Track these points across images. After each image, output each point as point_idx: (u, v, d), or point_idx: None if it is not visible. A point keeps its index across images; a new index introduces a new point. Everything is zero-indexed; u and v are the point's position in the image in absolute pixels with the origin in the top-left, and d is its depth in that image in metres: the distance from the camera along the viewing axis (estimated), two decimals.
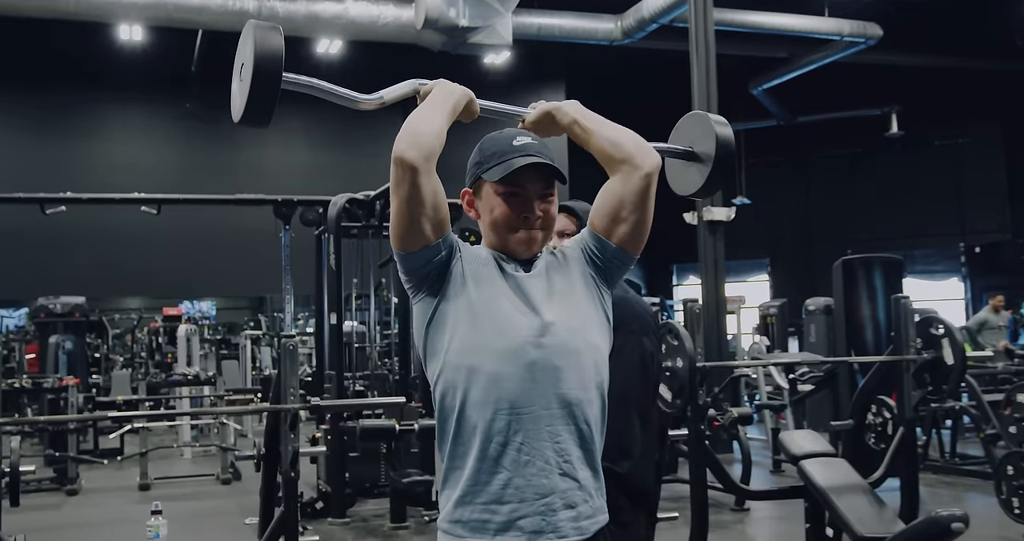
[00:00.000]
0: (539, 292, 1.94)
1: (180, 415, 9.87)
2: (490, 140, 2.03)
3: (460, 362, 1.87)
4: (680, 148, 2.39)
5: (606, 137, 2.03)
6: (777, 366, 9.06)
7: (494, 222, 1.98)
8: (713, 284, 10.29)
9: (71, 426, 8.94)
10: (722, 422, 7.17)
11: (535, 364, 1.86)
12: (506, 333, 1.87)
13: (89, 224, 14.67)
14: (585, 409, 1.89)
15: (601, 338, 1.98)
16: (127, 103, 16.46)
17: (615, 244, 2.00)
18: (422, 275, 1.93)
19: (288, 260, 8.70)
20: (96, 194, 10.22)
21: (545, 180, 1.97)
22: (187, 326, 12.36)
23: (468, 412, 1.86)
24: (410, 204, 1.85)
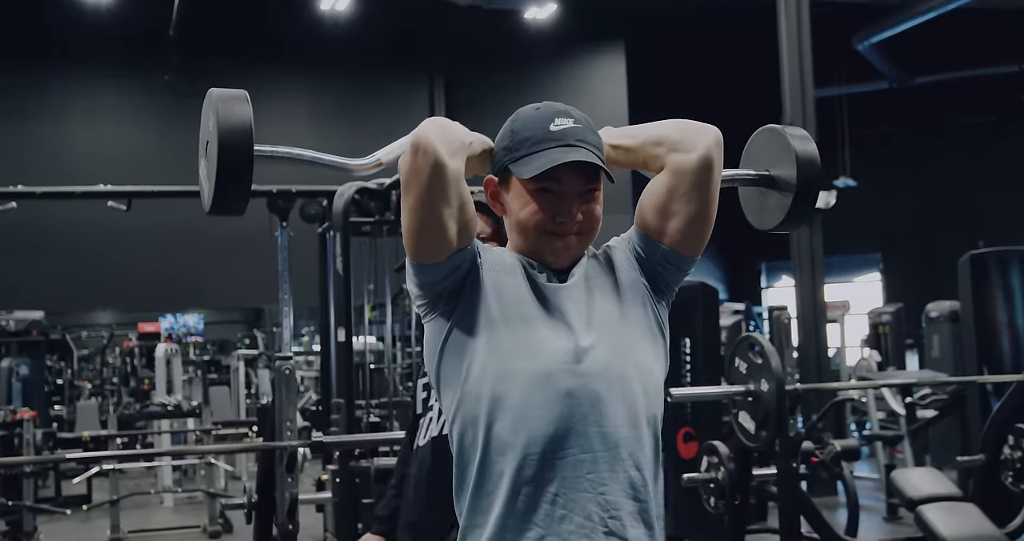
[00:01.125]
0: (576, 307, 1.93)
1: (158, 454, 9.99)
2: (523, 120, 2.01)
3: (481, 390, 1.87)
4: (751, 173, 2.36)
5: (647, 141, 2.03)
6: (891, 387, 8.98)
7: (522, 223, 1.97)
8: (809, 286, 10.22)
9: (27, 469, 9.05)
10: (822, 457, 7.13)
11: (572, 395, 1.85)
12: (535, 358, 1.87)
13: (48, 223, 14.84)
14: (635, 450, 1.88)
15: (655, 360, 1.97)
16: (91, 76, 16.63)
17: (665, 244, 1.99)
18: (439, 291, 1.94)
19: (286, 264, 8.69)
20: (53, 187, 10.32)
21: (587, 176, 1.96)
22: (167, 345, 12.50)
23: (493, 457, 1.86)
24: (430, 200, 1.85)
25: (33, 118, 16.27)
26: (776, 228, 2.35)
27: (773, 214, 2.33)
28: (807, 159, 2.25)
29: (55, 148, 16.10)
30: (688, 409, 7.60)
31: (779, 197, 2.30)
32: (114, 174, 13.06)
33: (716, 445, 5.71)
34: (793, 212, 2.27)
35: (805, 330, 10.00)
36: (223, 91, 1.95)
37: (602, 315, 1.93)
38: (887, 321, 13.44)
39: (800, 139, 2.28)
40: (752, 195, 2.41)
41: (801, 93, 10.27)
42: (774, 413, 5.20)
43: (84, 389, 15.96)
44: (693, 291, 7.70)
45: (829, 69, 17.34)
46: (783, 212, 2.29)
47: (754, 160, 2.38)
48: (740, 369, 5.41)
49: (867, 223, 20.13)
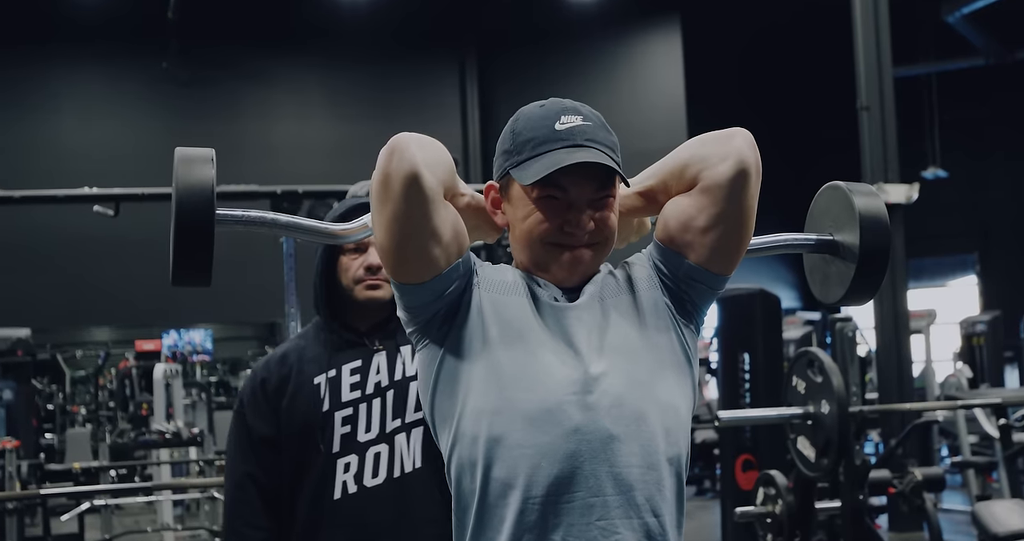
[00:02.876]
0: (586, 330, 1.92)
1: (153, 488, 10.02)
2: (525, 119, 2.00)
3: (478, 431, 1.86)
4: (812, 238, 2.30)
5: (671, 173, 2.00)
6: (985, 408, 8.87)
7: (526, 235, 1.96)
8: (889, 293, 10.13)
9: (10, 505, 9.13)
10: (900, 488, 7.05)
11: (579, 432, 1.84)
12: (538, 389, 1.86)
13: (35, 231, 14.97)
14: (652, 495, 1.87)
15: (678, 394, 1.95)
16: (79, 64, 16.74)
17: (692, 260, 1.97)
18: (430, 315, 1.94)
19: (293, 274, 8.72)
20: (33, 191, 10.40)
21: (598, 180, 1.94)
22: (167, 366, 12.55)
23: (490, 499, 1.86)
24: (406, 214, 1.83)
25: (15, 112, 16.35)
26: (840, 302, 2.27)
27: (835, 286, 2.25)
28: (871, 217, 2.17)
29: (38, 146, 16.19)
30: (747, 434, 7.57)
31: (842, 266, 2.23)
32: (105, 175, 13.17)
33: (773, 475, 5.66)
34: (856, 284, 2.19)
35: (884, 343, 9.91)
36: (186, 151, 1.96)
37: (617, 340, 1.92)
38: (982, 331, 13.27)
39: (863, 195, 2.20)
40: (816, 263, 2.35)
41: (879, 72, 10.18)
42: (836, 438, 5.15)
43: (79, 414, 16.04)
44: (750, 300, 7.68)
45: (915, 44, 17.21)
46: (846, 284, 2.21)
47: (817, 223, 2.32)
48: (798, 389, 5.37)
49: (960, 220, 19.92)
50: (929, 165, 18.16)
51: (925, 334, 12.89)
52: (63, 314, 16.66)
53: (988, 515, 5.22)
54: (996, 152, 20.30)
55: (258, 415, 2.86)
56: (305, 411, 2.82)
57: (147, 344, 14.70)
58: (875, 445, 11.64)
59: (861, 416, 5.35)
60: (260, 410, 2.86)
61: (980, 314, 14.36)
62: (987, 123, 20.18)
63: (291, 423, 2.83)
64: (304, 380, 2.86)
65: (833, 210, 2.28)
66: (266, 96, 16.91)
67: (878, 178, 10.02)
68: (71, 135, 16.53)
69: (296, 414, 2.83)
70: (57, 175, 13.81)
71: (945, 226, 19.28)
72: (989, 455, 9.27)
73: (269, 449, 2.84)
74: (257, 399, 2.88)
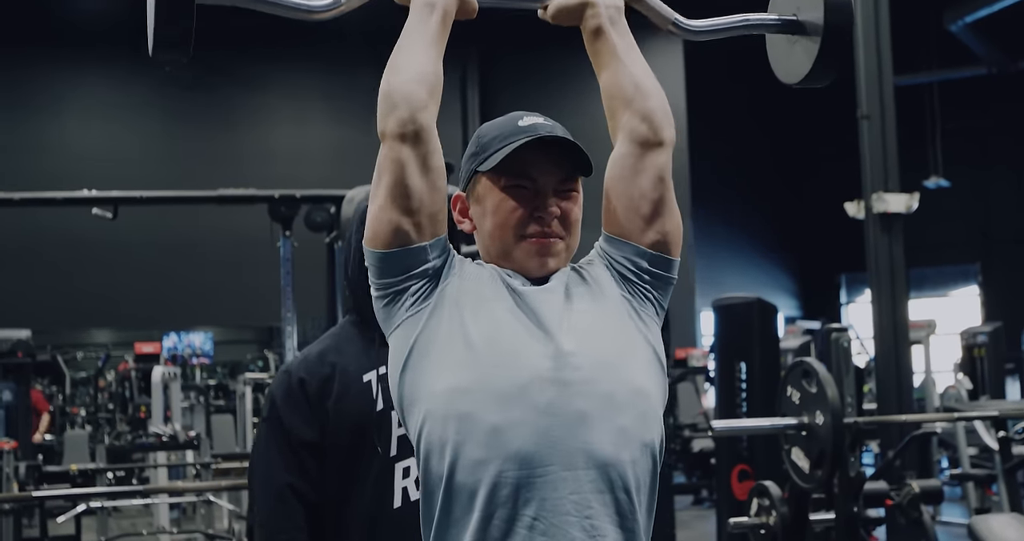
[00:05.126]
0: (554, 309, 1.95)
1: (147, 492, 10.01)
2: (488, 126, 2.10)
3: (448, 410, 1.87)
4: (775, 18, 2.36)
5: (632, 74, 2.09)
6: (984, 420, 8.83)
7: (496, 227, 2.01)
8: (889, 303, 10.08)
9: (7, 507, 9.11)
10: (898, 500, 7.00)
11: (552, 407, 1.86)
12: (510, 365, 1.88)
13: (36, 233, 14.99)
14: (624, 472, 1.88)
15: (648, 380, 1.97)
16: (83, 68, 16.78)
17: (647, 247, 2.03)
18: (399, 291, 1.97)
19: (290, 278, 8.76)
20: (33, 193, 10.43)
21: (562, 169, 2.01)
22: (165, 368, 12.54)
23: (459, 477, 1.85)
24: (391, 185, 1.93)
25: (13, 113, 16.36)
26: (804, 80, 2.35)
27: (800, 64, 2.33)
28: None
29: (40, 148, 16.22)
30: (744, 444, 7.52)
31: (807, 44, 2.30)
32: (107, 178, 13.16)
33: (767, 486, 5.62)
34: (821, 60, 2.27)
35: (884, 353, 9.86)
36: None
37: (584, 323, 1.95)
38: (983, 342, 13.21)
39: None
40: (780, 44, 2.42)
41: (879, 80, 10.13)
42: (830, 450, 5.12)
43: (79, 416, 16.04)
44: (747, 308, 7.64)
45: (917, 53, 17.19)
46: (810, 61, 2.29)
47: (782, 4, 2.39)
48: (793, 399, 5.33)
49: (962, 229, 19.92)
50: (931, 174, 18.16)
51: (925, 344, 12.85)
52: (63, 316, 16.69)
53: (985, 529, 5.17)
54: (998, 162, 20.31)
55: (298, 418, 2.57)
56: (356, 412, 2.55)
57: (146, 346, 14.68)
58: (874, 456, 11.59)
59: (856, 427, 5.32)
60: (300, 413, 2.58)
61: (981, 325, 14.32)
62: (989, 132, 20.19)
63: (339, 426, 2.56)
64: (351, 379, 2.59)
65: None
66: (265, 101, 16.90)
67: (878, 187, 9.98)
68: (73, 138, 16.55)
69: (345, 416, 2.56)
70: (58, 178, 13.82)
71: (947, 236, 19.28)
72: (989, 467, 9.23)
73: (311, 456, 2.57)
74: (295, 401, 2.59)
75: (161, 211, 13.37)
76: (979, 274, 21.29)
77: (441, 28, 2.04)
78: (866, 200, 10.16)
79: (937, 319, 13.01)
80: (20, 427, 12.00)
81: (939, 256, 19.38)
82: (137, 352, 14.64)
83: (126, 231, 11.57)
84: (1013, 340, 14.02)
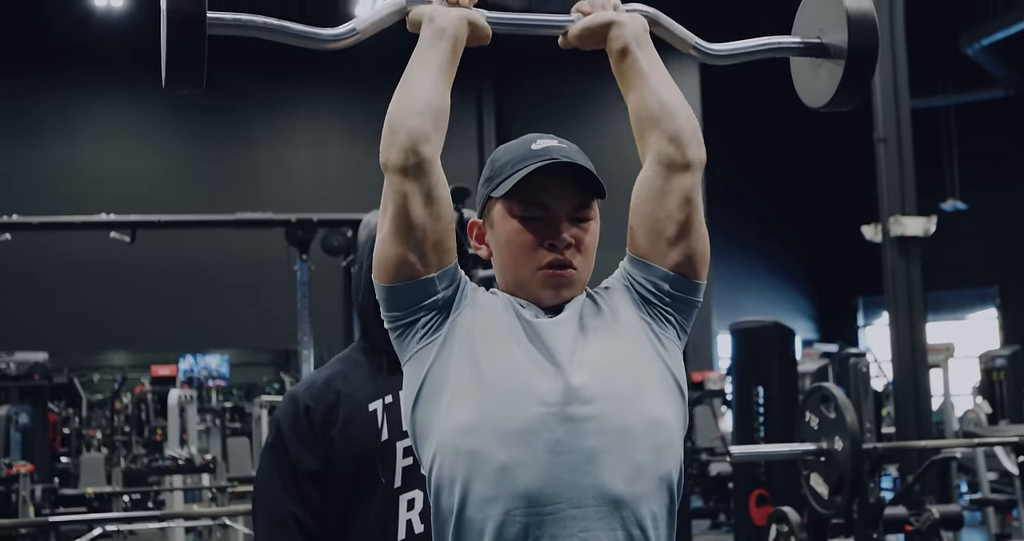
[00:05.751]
0: (566, 343, 1.93)
1: (163, 516, 10.02)
2: (502, 150, 2.09)
3: (459, 445, 1.87)
4: (798, 41, 2.34)
5: (659, 94, 2.05)
6: (1003, 445, 8.78)
7: (509, 255, 2.00)
8: (907, 326, 10.04)
9: (23, 531, 9.11)
10: (917, 526, 6.97)
11: (561, 445, 1.85)
12: (519, 402, 1.87)
13: (53, 256, 15.03)
14: (639, 507, 1.86)
15: (665, 410, 1.96)
16: (100, 90, 16.81)
17: (670, 269, 2.01)
18: (408, 323, 1.96)
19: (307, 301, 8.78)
20: (52, 217, 10.47)
21: (577, 195, 2.00)
22: (182, 391, 12.55)
23: (469, 513, 1.85)
24: (395, 218, 1.91)
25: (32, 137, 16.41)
26: (830, 104, 2.32)
27: (825, 88, 2.31)
28: (861, 19, 2.22)
29: (57, 172, 16.25)
30: (762, 469, 7.50)
31: (832, 67, 2.28)
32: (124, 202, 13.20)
33: (786, 511, 5.62)
34: (846, 83, 2.24)
35: (902, 377, 9.82)
36: None
37: (597, 355, 1.93)
38: (1002, 366, 13.15)
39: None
40: (804, 68, 2.39)
41: (896, 102, 10.13)
42: (849, 476, 5.11)
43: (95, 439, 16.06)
44: (765, 332, 7.64)
45: (934, 76, 17.18)
46: (835, 84, 2.26)
47: (806, 27, 2.36)
48: (811, 424, 5.33)
49: (979, 252, 19.85)
50: (948, 197, 18.12)
51: (944, 368, 12.80)
52: (80, 338, 16.72)
53: None
54: (1016, 184, 20.25)
55: (303, 446, 2.48)
56: (361, 441, 2.45)
57: (163, 369, 14.71)
58: (893, 480, 11.54)
59: (876, 453, 5.31)
60: (305, 441, 2.48)
61: (1000, 348, 14.25)
62: (1007, 155, 20.14)
63: (344, 455, 2.46)
64: (356, 407, 2.49)
65: (820, 14, 2.31)
66: (284, 124, 16.94)
67: (895, 210, 9.97)
68: (87, 162, 16.60)
69: (350, 445, 2.46)
70: (74, 202, 13.85)
71: (964, 258, 19.21)
72: (1009, 492, 9.17)
73: (315, 486, 2.47)
74: (300, 428, 2.50)
75: (177, 234, 13.40)
76: (997, 297, 21.21)
77: (451, 57, 2.03)
78: (883, 223, 10.14)
79: (955, 342, 12.96)
80: (37, 450, 12.03)
81: (956, 279, 19.31)
82: (153, 374, 14.67)
83: (142, 254, 11.60)
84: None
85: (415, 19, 2.08)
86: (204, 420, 14.05)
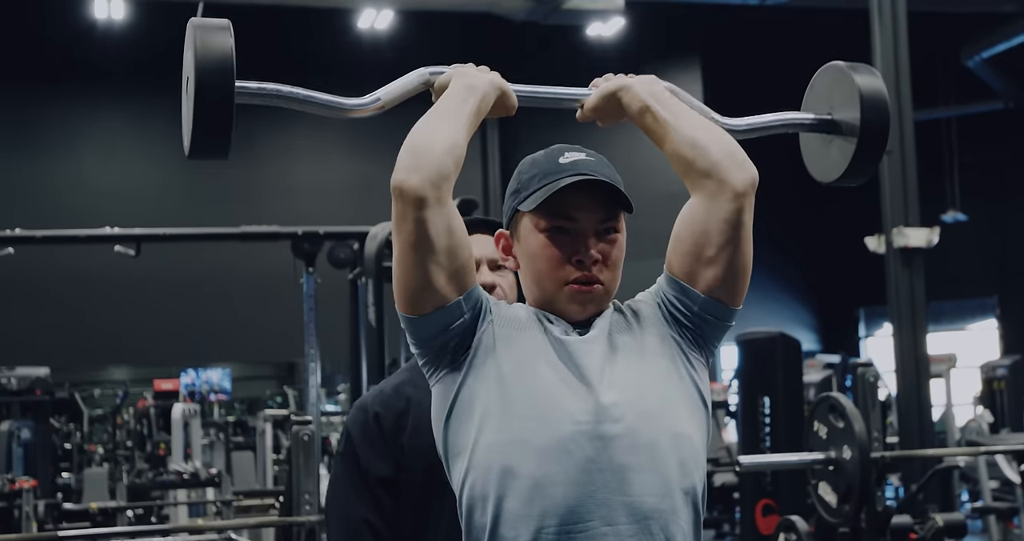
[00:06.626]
0: (596, 363, 1.95)
1: (176, 531, 10.03)
2: (530, 162, 2.10)
3: (491, 462, 1.90)
4: (811, 117, 2.37)
5: (686, 136, 2.04)
6: (1005, 454, 8.81)
7: (536, 270, 2.02)
8: (910, 336, 10.08)
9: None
10: (921, 534, 6.99)
11: (593, 462, 1.88)
12: (550, 420, 1.89)
13: (54, 270, 15.01)
14: (668, 524, 1.90)
15: (690, 425, 1.99)
16: (101, 103, 16.77)
17: (703, 293, 2.01)
18: (438, 347, 1.98)
19: (313, 314, 8.77)
20: (55, 230, 10.45)
21: (604, 208, 2.01)
22: (185, 405, 12.56)
23: (502, 531, 1.88)
24: (416, 248, 1.91)
25: (34, 151, 16.38)
26: (840, 179, 2.34)
27: (836, 164, 2.33)
28: (873, 98, 2.24)
29: (60, 186, 16.23)
30: (768, 479, 7.53)
31: (842, 144, 2.30)
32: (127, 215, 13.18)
33: (794, 520, 5.64)
34: (857, 160, 2.27)
35: (905, 387, 9.86)
36: (203, 20, 1.99)
37: (626, 372, 1.96)
38: (1003, 375, 13.19)
39: (865, 75, 2.28)
40: (814, 143, 2.42)
41: (899, 115, 10.17)
42: (857, 484, 5.13)
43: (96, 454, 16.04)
44: (770, 343, 7.67)
45: (934, 88, 17.21)
46: (846, 161, 2.28)
47: (817, 103, 2.39)
48: (820, 434, 5.35)
49: (979, 263, 19.83)
50: (948, 208, 18.11)
51: (946, 378, 12.82)
52: (81, 353, 16.70)
53: None
54: (1015, 195, 20.24)
55: (374, 453, 2.52)
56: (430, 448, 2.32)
57: (166, 383, 14.72)
58: (894, 489, 11.56)
59: (883, 461, 5.33)
60: (375, 448, 2.53)
61: (1001, 358, 14.27)
62: (1006, 166, 20.13)
63: (414, 462, 2.50)
64: (424, 414, 2.37)
65: (831, 91, 2.35)
66: (286, 137, 16.93)
67: (898, 222, 10.01)
68: (90, 175, 16.57)
69: (420, 452, 2.47)
70: (77, 215, 13.81)
71: (964, 269, 19.18)
72: (1010, 501, 9.20)
73: (386, 492, 2.51)
74: (371, 436, 2.54)
75: (176, 248, 13.38)
76: (997, 307, 21.18)
77: (476, 115, 2.03)
78: (887, 235, 10.18)
79: (956, 353, 12.99)
80: (40, 465, 12.01)
81: (957, 290, 19.29)
82: (156, 389, 14.67)
83: (143, 268, 11.58)
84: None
85: (443, 83, 2.09)
86: (208, 434, 14.02)
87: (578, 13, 13.98)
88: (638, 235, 2.17)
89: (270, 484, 12.54)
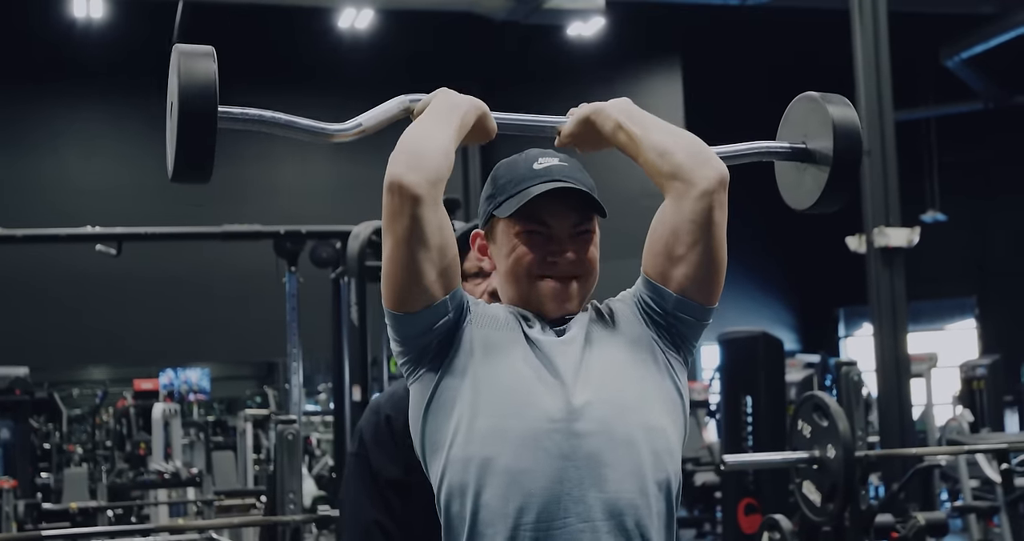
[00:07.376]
0: (572, 361, 1.99)
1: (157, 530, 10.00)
2: (505, 166, 2.14)
3: (469, 454, 1.93)
4: (785, 146, 2.40)
5: (654, 143, 2.08)
6: (986, 453, 8.85)
7: (512, 270, 2.06)
8: (891, 336, 10.13)
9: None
10: (903, 533, 7.02)
11: (567, 460, 1.91)
12: (525, 417, 1.92)
13: (33, 269, 14.96)
14: (642, 519, 1.92)
15: (667, 418, 2.02)
16: (82, 102, 16.73)
17: (676, 292, 2.04)
18: (422, 346, 2.01)
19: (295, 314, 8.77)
20: (34, 229, 10.42)
21: (577, 213, 2.05)
22: (165, 405, 12.54)
23: (481, 528, 1.91)
24: (410, 245, 1.93)
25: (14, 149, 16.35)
26: (813, 207, 2.39)
27: (809, 192, 2.37)
28: (846, 128, 2.29)
29: (41, 185, 16.20)
30: (751, 478, 7.55)
31: (816, 172, 2.34)
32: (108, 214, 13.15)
33: (778, 519, 5.66)
34: (830, 188, 2.31)
35: (886, 387, 9.89)
36: (187, 47, 2.02)
37: (601, 371, 1.98)
38: (982, 375, 13.24)
39: (837, 105, 2.32)
40: (788, 171, 2.45)
41: (879, 116, 10.21)
42: (842, 483, 5.16)
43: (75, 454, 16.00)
44: (752, 342, 7.69)
45: (914, 89, 17.28)
46: (819, 189, 2.32)
47: (791, 133, 2.42)
48: (804, 433, 5.38)
49: (959, 263, 19.93)
50: (928, 209, 18.20)
51: (926, 378, 12.88)
52: (60, 352, 16.64)
53: None
54: (995, 195, 20.35)
55: (385, 455, 2.56)
56: None
57: (146, 383, 14.68)
58: (875, 488, 11.60)
59: (867, 460, 5.36)
60: (386, 450, 2.56)
61: (980, 358, 14.33)
62: (986, 166, 20.23)
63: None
64: None
65: (805, 120, 2.38)
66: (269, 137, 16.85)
67: (879, 222, 10.05)
68: (72, 173, 16.54)
69: None
70: (58, 214, 13.80)
71: (944, 269, 19.27)
72: (991, 500, 9.23)
73: (397, 494, 2.55)
74: (382, 438, 2.58)
75: (158, 247, 13.35)
76: (976, 307, 21.29)
77: (460, 128, 2.07)
78: (868, 234, 10.22)
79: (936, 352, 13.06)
80: (20, 465, 11.96)
81: (936, 290, 19.37)
82: (136, 389, 14.62)
83: (125, 266, 11.54)
84: (1011, 373, 14.02)
85: (422, 107, 2.13)
86: (188, 434, 13.99)
87: (559, 13, 14.02)
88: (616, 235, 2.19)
89: (251, 484, 12.53)
